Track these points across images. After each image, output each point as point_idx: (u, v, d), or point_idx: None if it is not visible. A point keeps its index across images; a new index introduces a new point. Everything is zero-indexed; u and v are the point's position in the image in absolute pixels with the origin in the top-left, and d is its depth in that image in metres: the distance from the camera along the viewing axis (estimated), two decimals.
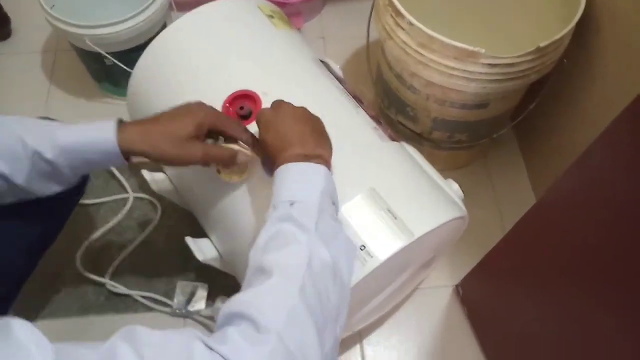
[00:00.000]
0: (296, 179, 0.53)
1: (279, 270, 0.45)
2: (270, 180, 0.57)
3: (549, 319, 0.66)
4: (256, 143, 0.62)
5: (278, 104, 0.60)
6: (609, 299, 0.53)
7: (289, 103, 0.61)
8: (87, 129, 0.56)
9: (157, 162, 0.58)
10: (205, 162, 0.58)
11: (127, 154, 0.55)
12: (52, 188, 0.57)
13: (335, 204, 0.55)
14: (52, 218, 0.71)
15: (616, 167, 0.49)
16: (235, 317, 0.43)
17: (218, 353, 0.39)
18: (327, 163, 0.56)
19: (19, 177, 0.53)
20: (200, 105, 0.59)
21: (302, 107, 0.61)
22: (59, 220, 0.74)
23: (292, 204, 0.50)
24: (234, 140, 0.61)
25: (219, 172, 0.64)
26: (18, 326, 0.36)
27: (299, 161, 0.54)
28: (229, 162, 0.60)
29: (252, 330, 0.41)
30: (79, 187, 0.75)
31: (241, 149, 0.61)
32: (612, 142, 0.49)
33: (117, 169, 1.04)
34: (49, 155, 0.53)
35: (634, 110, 0.45)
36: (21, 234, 0.66)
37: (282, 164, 0.54)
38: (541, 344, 0.69)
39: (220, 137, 0.62)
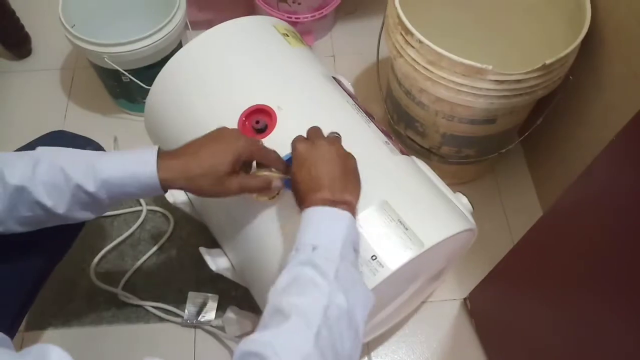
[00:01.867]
0: (320, 224, 0.54)
1: (296, 314, 0.46)
2: (291, 201, 0.58)
3: (558, 331, 0.66)
4: (288, 169, 0.63)
5: (314, 136, 0.61)
6: (618, 309, 0.53)
7: (323, 138, 0.61)
8: (128, 162, 0.57)
9: (194, 194, 0.60)
10: (241, 193, 0.60)
11: (166, 188, 0.58)
12: (90, 215, 0.59)
13: (356, 251, 0.56)
14: (61, 237, 0.74)
15: (623, 177, 0.50)
16: (251, 356, 0.43)
17: None
18: (353, 209, 0.57)
19: (60, 208, 0.55)
20: (237, 136, 0.60)
21: (336, 145, 0.61)
22: (68, 239, 0.76)
23: (314, 249, 0.51)
24: (267, 166, 0.63)
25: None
26: (55, 355, 0.37)
27: (325, 205, 0.54)
28: (263, 191, 0.62)
29: None
30: None
31: (274, 176, 0.62)
32: (618, 153, 0.50)
33: None
34: (91, 188, 0.55)
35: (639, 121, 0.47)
36: (32, 253, 0.68)
37: (309, 206, 0.55)
38: (551, 356, 0.69)
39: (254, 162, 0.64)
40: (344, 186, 0.57)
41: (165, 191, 0.58)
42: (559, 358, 0.67)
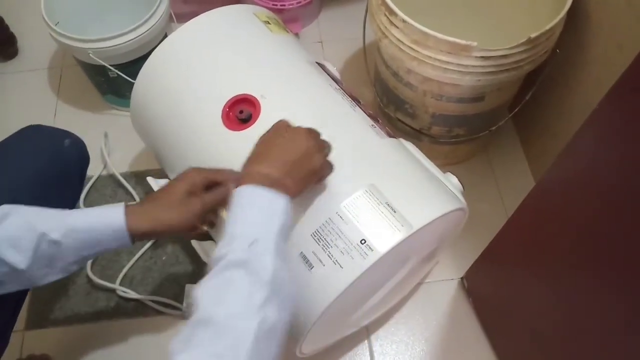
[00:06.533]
0: (257, 210, 0.51)
1: (227, 335, 0.43)
2: None
3: (555, 305, 0.66)
4: None
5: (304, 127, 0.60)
6: (613, 281, 0.53)
7: (309, 129, 0.59)
8: (96, 210, 0.57)
9: (167, 235, 0.61)
10: (206, 211, 0.60)
11: (133, 234, 0.56)
12: (51, 277, 0.56)
13: (287, 237, 0.53)
14: None
15: (606, 149, 0.50)
16: None
17: None
18: (292, 193, 0.54)
19: (22, 261, 0.52)
20: (190, 168, 0.61)
21: (314, 140, 0.58)
22: None
23: (250, 245, 0.48)
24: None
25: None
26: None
27: (263, 184, 0.52)
28: (227, 201, 0.59)
29: None
30: None
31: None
32: (601, 122, 0.50)
33: (123, 177, 1.07)
34: (55, 235, 0.53)
35: (620, 89, 0.46)
36: None
37: (245, 179, 0.52)
38: (548, 330, 0.69)
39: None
40: (289, 171, 0.54)
41: (134, 242, 0.57)
42: (557, 331, 0.68)
